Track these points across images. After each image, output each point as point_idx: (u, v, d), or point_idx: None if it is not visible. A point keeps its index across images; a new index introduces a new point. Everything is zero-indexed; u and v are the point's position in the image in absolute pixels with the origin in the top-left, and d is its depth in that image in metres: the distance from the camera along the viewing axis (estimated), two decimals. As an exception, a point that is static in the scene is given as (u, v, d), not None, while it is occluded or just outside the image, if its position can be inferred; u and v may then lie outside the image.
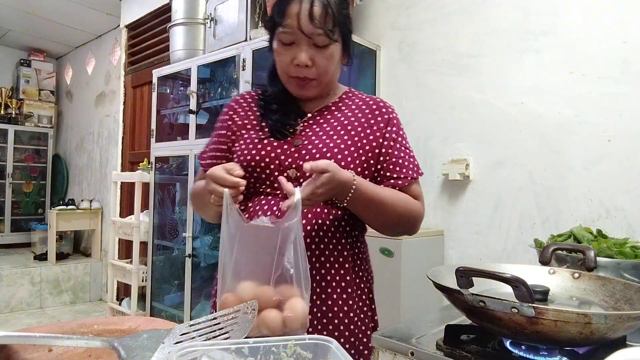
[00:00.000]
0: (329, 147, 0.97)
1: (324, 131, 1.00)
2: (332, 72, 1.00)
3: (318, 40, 0.93)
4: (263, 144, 0.99)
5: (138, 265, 3.27)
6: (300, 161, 0.95)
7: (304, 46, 0.94)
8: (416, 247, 1.90)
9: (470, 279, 0.69)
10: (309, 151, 0.96)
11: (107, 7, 4.13)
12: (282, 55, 0.97)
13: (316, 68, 0.96)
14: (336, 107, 1.06)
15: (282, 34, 0.94)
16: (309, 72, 0.96)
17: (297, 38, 0.93)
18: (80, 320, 0.49)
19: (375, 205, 0.93)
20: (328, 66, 0.97)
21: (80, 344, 0.45)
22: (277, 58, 0.98)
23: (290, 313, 0.68)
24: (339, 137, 0.99)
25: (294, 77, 0.97)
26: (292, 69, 0.96)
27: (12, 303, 3.98)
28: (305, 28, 0.92)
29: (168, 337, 0.46)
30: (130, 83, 4.30)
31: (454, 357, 0.73)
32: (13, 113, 5.19)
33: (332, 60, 0.98)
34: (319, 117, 1.03)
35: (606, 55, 1.64)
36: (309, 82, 0.98)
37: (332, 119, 1.03)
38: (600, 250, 1.08)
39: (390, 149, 1.02)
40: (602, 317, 0.61)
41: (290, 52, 0.95)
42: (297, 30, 0.92)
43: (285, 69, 0.98)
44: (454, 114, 2.05)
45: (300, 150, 0.97)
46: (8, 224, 5.14)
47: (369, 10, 2.42)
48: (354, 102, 1.07)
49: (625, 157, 1.59)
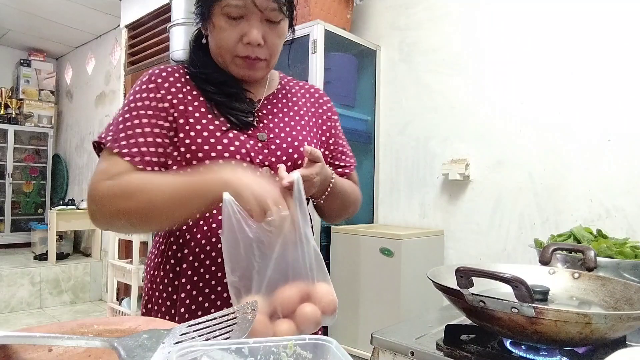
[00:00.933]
0: (295, 139, 0.91)
1: (283, 122, 0.92)
2: (280, 50, 0.90)
3: (271, 15, 0.83)
4: (228, 137, 0.84)
5: (138, 265, 3.27)
6: (272, 157, 0.87)
7: (255, 22, 0.82)
8: (416, 247, 1.90)
9: (470, 279, 0.69)
10: (279, 146, 0.88)
11: (107, 7, 4.13)
12: (226, 31, 0.83)
13: (267, 47, 0.85)
14: (282, 95, 0.97)
15: (229, 7, 0.81)
16: (260, 51, 0.84)
17: (247, 12, 0.81)
18: (80, 320, 0.49)
19: (342, 198, 0.95)
20: (279, 45, 0.88)
21: (80, 344, 0.45)
22: (220, 35, 0.84)
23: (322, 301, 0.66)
24: (300, 128, 0.94)
25: (242, 57, 0.85)
26: (241, 47, 0.83)
27: (12, 303, 3.98)
28: (260, 0, 0.81)
29: (168, 337, 0.46)
30: (130, 83, 4.30)
31: (454, 357, 0.73)
32: (13, 113, 5.19)
33: (283, 38, 0.88)
34: (270, 105, 0.94)
35: (606, 55, 1.64)
36: (259, 62, 0.86)
37: (284, 108, 0.95)
38: (600, 250, 1.08)
39: (335, 138, 1.03)
40: (602, 317, 0.61)
41: (239, 29, 0.82)
42: (250, 3, 0.80)
43: (230, 48, 0.84)
44: (454, 114, 2.05)
45: (268, 145, 0.87)
46: (8, 224, 5.14)
47: (369, 10, 2.42)
48: (295, 89, 1.01)
49: (625, 157, 1.59)
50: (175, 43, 2.82)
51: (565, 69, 1.73)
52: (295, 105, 0.97)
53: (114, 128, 0.82)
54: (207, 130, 0.83)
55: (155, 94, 0.85)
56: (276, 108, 0.94)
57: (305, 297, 0.66)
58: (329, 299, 0.66)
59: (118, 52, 4.45)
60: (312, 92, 1.03)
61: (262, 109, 0.92)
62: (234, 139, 0.84)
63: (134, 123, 0.82)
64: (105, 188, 0.76)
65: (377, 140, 2.35)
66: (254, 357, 0.43)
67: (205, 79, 0.88)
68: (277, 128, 0.90)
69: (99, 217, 0.78)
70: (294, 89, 1.00)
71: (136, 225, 0.79)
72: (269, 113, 0.92)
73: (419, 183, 2.16)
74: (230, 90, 0.88)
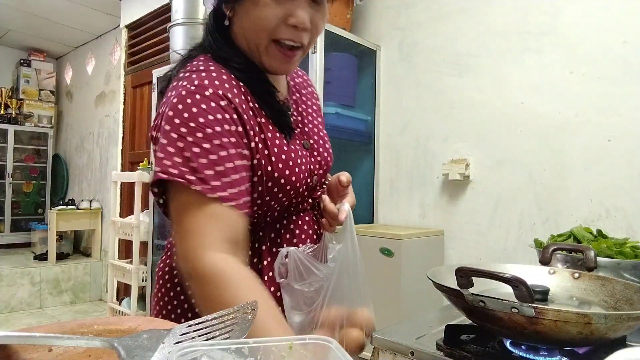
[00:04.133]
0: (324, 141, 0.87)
1: (311, 124, 0.86)
2: None
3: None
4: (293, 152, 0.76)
5: (138, 265, 3.27)
6: (317, 165, 0.82)
7: (303, 1, 0.71)
8: (416, 247, 1.90)
9: (470, 279, 0.69)
10: (318, 151, 0.83)
11: (107, 7, 4.13)
12: (270, 7, 0.69)
13: (311, 33, 0.74)
14: (296, 90, 0.89)
15: None
16: (305, 36, 0.73)
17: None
18: (80, 320, 0.49)
19: None
20: (322, 29, 0.77)
21: (80, 344, 0.45)
22: (260, 12, 0.70)
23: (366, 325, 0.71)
24: (322, 127, 0.89)
25: (280, 46, 0.73)
26: (284, 29, 0.71)
27: (12, 303, 3.98)
28: None
29: (168, 337, 0.45)
30: (130, 83, 4.30)
31: (454, 357, 0.73)
32: (13, 113, 5.19)
33: (326, 21, 0.77)
34: (294, 105, 0.86)
35: (606, 55, 1.64)
36: (296, 52, 0.74)
37: (304, 106, 0.88)
38: (600, 250, 1.08)
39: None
40: (602, 317, 0.61)
41: (284, 8, 0.70)
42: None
43: (271, 29, 0.71)
44: (454, 114, 2.05)
45: (312, 152, 0.82)
46: (8, 224, 5.14)
47: (369, 10, 2.42)
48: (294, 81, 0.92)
49: (625, 157, 1.59)
50: (175, 43, 2.82)
51: (565, 68, 1.73)
52: (308, 100, 0.90)
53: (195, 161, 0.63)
54: (280, 148, 0.74)
55: (231, 115, 0.68)
56: (301, 108, 0.86)
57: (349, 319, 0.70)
58: (370, 323, 0.72)
59: (118, 52, 4.45)
60: (305, 78, 0.96)
61: (293, 111, 0.84)
62: (296, 153, 0.76)
63: (220, 155, 0.64)
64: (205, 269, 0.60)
65: (377, 140, 2.35)
66: (254, 357, 0.43)
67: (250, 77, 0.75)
68: (311, 132, 0.84)
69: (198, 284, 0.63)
70: (297, 79, 0.92)
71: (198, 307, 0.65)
72: (299, 115, 0.84)
73: (419, 183, 2.16)
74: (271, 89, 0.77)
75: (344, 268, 0.71)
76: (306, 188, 0.79)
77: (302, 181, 0.77)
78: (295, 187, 0.76)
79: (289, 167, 0.74)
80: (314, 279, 0.71)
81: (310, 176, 0.79)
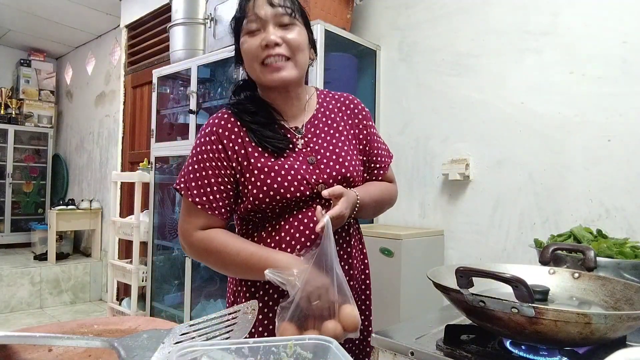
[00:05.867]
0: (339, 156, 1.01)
1: (327, 142, 1.03)
2: (305, 52, 0.99)
3: (282, 20, 0.95)
4: (283, 167, 0.96)
5: (138, 265, 3.27)
6: (324, 175, 0.98)
7: (269, 28, 0.94)
8: (416, 247, 1.90)
9: (470, 279, 0.69)
10: (327, 165, 1.00)
11: (107, 7, 4.13)
12: (249, 43, 0.96)
13: (287, 45, 0.95)
14: (322, 114, 1.07)
15: (248, 24, 0.95)
16: (280, 49, 0.95)
17: (261, 24, 0.95)
18: (80, 320, 0.49)
19: (373, 206, 1.07)
20: (299, 42, 0.97)
21: (80, 344, 0.45)
22: (246, 50, 0.97)
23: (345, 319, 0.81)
24: (341, 144, 1.04)
25: (266, 63, 0.95)
26: (262, 52, 0.95)
27: (12, 303, 3.98)
28: (266, 12, 0.94)
29: (168, 337, 0.46)
30: (130, 83, 4.30)
31: (454, 357, 0.73)
32: (13, 113, 5.19)
33: (302, 36, 0.98)
34: (313, 128, 1.04)
35: (606, 55, 1.64)
36: (284, 63, 0.96)
37: (325, 127, 1.05)
38: (600, 250, 1.08)
39: (370, 143, 1.12)
40: (602, 317, 0.61)
41: (257, 38, 0.95)
42: (259, 16, 0.94)
43: (255, 56, 0.96)
44: (454, 114, 2.05)
45: (318, 166, 0.99)
46: (8, 224, 5.14)
47: (369, 10, 2.42)
48: (332, 105, 1.10)
49: (625, 157, 1.59)
50: (175, 43, 2.82)
51: (565, 68, 1.73)
52: (334, 122, 1.07)
53: (186, 176, 0.98)
54: (266, 166, 0.95)
55: (217, 146, 0.97)
56: (319, 129, 1.04)
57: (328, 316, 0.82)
58: (351, 318, 0.81)
59: (118, 52, 4.45)
60: (347, 103, 1.12)
61: (307, 133, 1.03)
62: (289, 168, 0.96)
63: (202, 174, 0.96)
64: (192, 242, 0.96)
65: (377, 140, 2.35)
66: (254, 357, 0.43)
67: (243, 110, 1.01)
68: (322, 149, 1.01)
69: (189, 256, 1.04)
70: (331, 105, 1.09)
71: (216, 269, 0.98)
72: (313, 136, 1.03)
73: (419, 183, 2.16)
74: (261, 120, 1.00)
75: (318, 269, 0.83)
76: (300, 192, 0.95)
77: (291, 187, 0.94)
78: (285, 196, 0.94)
79: (271, 176, 0.94)
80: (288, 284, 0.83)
81: (307, 184, 0.96)
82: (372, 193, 1.06)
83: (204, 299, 2.65)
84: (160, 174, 3.00)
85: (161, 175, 3.01)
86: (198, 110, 2.63)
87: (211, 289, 2.66)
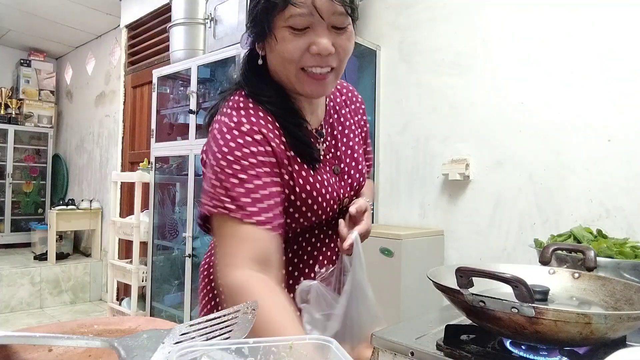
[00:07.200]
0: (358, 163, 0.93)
1: (345, 146, 0.92)
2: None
3: (338, 21, 0.75)
4: (318, 180, 0.83)
5: (138, 265, 3.27)
6: (348, 188, 0.90)
7: (323, 30, 0.74)
8: (416, 247, 1.90)
9: (470, 279, 0.69)
10: (349, 175, 0.90)
11: (107, 7, 4.13)
12: (292, 42, 0.74)
13: (337, 55, 0.77)
14: (334, 111, 0.94)
15: (294, 17, 0.73)
16: (331, 60, 0.77)
17: (314, 21, 0.73)
18: (80, 320, 0.49)
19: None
20: (350, 50, 0.79)
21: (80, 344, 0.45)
22: (284, 47, 0.75)
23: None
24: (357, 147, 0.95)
25: (309, 73, 0.77)
26: (309, 58, 0.76)
27: (12, 303, 3.98)
28: (325, 5, 0.72)
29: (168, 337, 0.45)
30: (130, 83, 4.30)
31: (454, 357, 0.73)
32: (13, 113, 5.19)
33: (353, 41, 0.79)
34: (330, 129, 0.91)
35: (606, 55, 1.64)
36: (327, 76, 0.78)
37: (340, 127, 0.93)
38: (600, 250, 1.08)
39: (365, 139, 1.04)
40: (602, 317, 0.61)
41: (305, 39, 0.75)
42: (314, 9, 0.72)
43: (297, 59, 0.76)
44: (454, 114, 2.05)
45: (342, 176, 0.89)
46: (8, 224, 5.14)
47: (369, 10, 2.42)
48: (339, 99, 0.97)
49: (625, 157, 1.59)
50: (175, 43, 2.82)
51: (565, 68, 1.73)
52: (347, 121, 0.95)
53: (231, 191, 0.72)
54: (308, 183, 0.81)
55: (265, 147, 0.76)
56: (336, 130, 0.91)
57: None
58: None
59: (118, 52, 4.45)
60: (350, 96, 1.00)
61: (327, 136, 0.89)
62: (322, 182, 0.83)
63: (256, 184, 0.73)
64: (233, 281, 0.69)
65: (377, 140, 2.35)
66: (254, 357, 0.43)
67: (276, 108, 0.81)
68: (343, 155, 0.90)
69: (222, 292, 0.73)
70: (338, 99, 0.96)
71: None
72: (332, 139, 0.90)
73: (419, 183, 2.16)
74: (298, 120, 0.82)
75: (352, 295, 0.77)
76: (332, 211, 0.86)
77: (327, 208, 0.83)
78: (317, 214, 0.83)
79: (313, 197, 0.81)
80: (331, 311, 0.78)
81: (338, 201, 0.86)
82: (370, 196, 1.01)
83: (204, 299, 2.65)
84: (160, 174, 3.00)
85: (161, 175, 3.01)
86: (198, 110, 2.63)
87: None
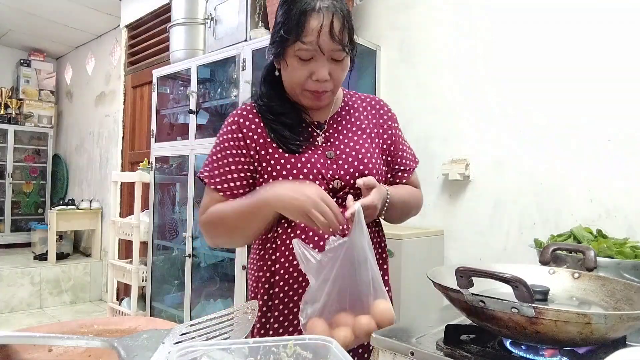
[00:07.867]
0: (359, 153, 1.02)
1: (348, 138, 1.04)
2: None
3: (336, 55, 0.95)
4: (300, 160, 0.99)
5: (138, 265, 3.27)
6: (341, 171, 1.00)
7: (323, 62, 0.95)
8: (416, 247, 1.90)
9: (470, 279, 0.69)
10: (345, 160, 1.01)
11: (107, 7, 4.13)
12: (298, 70, 0.96)
13: (333, 81, 0.98)
14: (346, 112, 1.09)
15: (301, 50, 0.94)
16: (327, 84, 0.98)
17: (316, 54, 0.94)
18: (80, 320, 0.50)
19: (401, 207, 1.06)
20: (343, 77, 1.01)
21: (80, 344, 0.45)
22: (291, 73, 0.98)
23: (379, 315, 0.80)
24: (363, 142, 1.05)
25: (311, 91, 0.98)
26: (310, 83, 0.97)
27: (12, 303, 3.98)
28: (326, 45, 0.93)
29: (168, 337, 0.46)
30: (130, 83, 4.30)
31: (454, 357, 0.73)
32: (13, 113, 5.20)
33: (346, 70, 1.02)
34: (335, 124, 1.06)
35: (606, 55, 1.64)
36: (325, 93, 1.00)
37: (348, 125, 1.07)
38: (600, 250, 1.08)
39: (395, 144, 1.12)
40: (602, 317, 0.61)
41: (308, 67, 0.96)
42: (317, 47, 0.93)
43: (301, 84, 0.98)
44: (454, 114, 2.05)
45: (336, 161, 1.01)
46: (8, 224, 5.14)
47: (369, 10, 2.42)
48: (357, 104, 1.12)
49: (625, 157, 1.59)
50: (175, 43, 2.82)
51: (566, 68, 1.73)
52: (357, 120, 1.08)
53: (209, 165, 1.02)
54: (282, 156, 0.99)
55: (237, 134, 1.02)
56: (341, 126, 1.06)
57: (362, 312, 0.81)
58: (386, 314, 0.81)
59: (118, 52, 4.45)
60: (373, 104, 1.14)
61: (329, 128, 1.05)
62: (306, 160, 0.99)
63: (223, 162, 1.01)
64: (202, 221, 1.00)
65: (377, 140, 2.35)
66: (254, 357, 0.43)
67: (268, 109, 1.04)
68: (342, 144, 1.03)
69: (209, 242, 1.06)
70: (356, 104, 1.12)
71: (228, 243, 1.09)
72: (335, 132, 1.05)
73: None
74: (286, 121, 1.02)
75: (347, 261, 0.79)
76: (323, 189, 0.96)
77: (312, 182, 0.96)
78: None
79: (287, 169, 0.98)
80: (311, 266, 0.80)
81: (322, 178, 0.98)
82: (401, 194, 1.05)
83: (204, 299, 2.65)
84: (160, 174, 3.00)
85: (161, 175, 3.01)
86: (198, 110, 2.63)
87: (211, 289, 2.66)
